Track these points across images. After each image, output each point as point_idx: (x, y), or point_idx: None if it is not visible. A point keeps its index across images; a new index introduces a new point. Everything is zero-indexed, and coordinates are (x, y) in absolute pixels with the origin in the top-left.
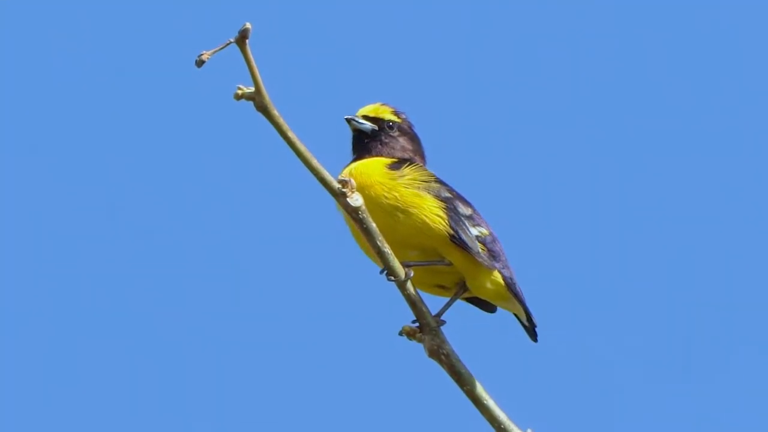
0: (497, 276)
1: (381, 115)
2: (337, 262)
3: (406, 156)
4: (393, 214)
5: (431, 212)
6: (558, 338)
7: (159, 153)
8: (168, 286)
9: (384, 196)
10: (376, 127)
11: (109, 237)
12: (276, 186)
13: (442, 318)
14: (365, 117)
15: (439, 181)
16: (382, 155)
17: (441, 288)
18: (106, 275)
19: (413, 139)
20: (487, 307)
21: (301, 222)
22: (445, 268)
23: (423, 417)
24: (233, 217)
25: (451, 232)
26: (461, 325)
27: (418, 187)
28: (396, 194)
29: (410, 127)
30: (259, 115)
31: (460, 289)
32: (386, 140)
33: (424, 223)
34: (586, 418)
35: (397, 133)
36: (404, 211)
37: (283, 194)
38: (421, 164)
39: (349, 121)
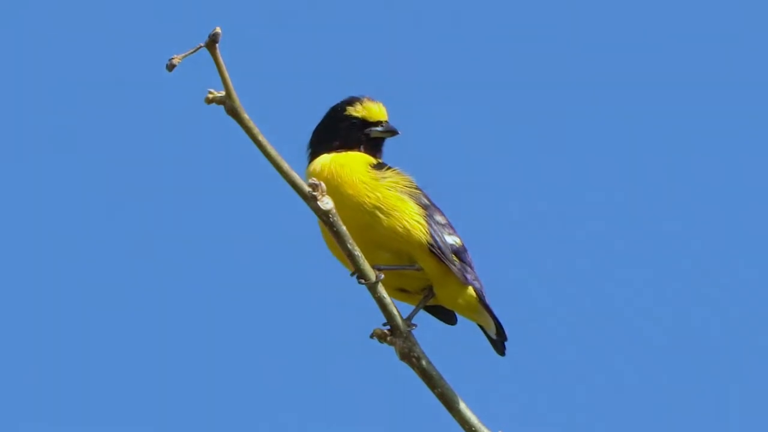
0: (470, 289)
1: (383, 117)
2: (309, 264)
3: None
4: (373, 215)
5: (412, 218)
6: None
7: (130, 156)
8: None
9: (366, 195)
10: (399, 133)
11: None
12: (247, 189)
13: (413, 322)
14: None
15: (418, 188)
16: (367, 153)
17: (403, 292)
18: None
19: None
20: (449, 318)
21: (272, 225)
22: (412, 273)
23: (395, 420)
24: (205, 220)
25: (430, 240)
26: (432, 328)
27: (401, 191)
28: (378, 195)
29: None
30: (230, 118)
31: (428, 294)
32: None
33: (404, 228)
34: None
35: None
36: (386, 213)
37: (254, 197)
38: (400, 169)
39: (395, 133)
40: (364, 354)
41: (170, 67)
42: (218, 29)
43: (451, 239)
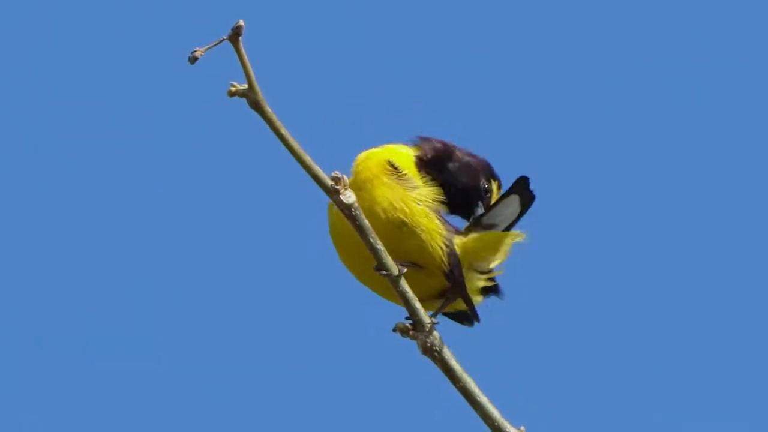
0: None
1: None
2: (332, 258)
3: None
4: (400, 228)
5: (435, 241)
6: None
7: (152, 150)
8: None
9: (393, 206)
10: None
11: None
12: (269, 182)
13: (436, 319)
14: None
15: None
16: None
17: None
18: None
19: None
20: (467, 322)
21: (295, 218)
22: (431, 280)
23: (416, 414)
24: (227, 214)
25: (448, 268)
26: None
27: (430, 207)
28: (406, 209)
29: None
30: (252, 112)
31: (449, 297)
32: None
33: (425, 249)
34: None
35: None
36: (411, 230)
37: (277, 191)
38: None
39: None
40: (387, 348)
41: (193, 59)
42: (241, 22)
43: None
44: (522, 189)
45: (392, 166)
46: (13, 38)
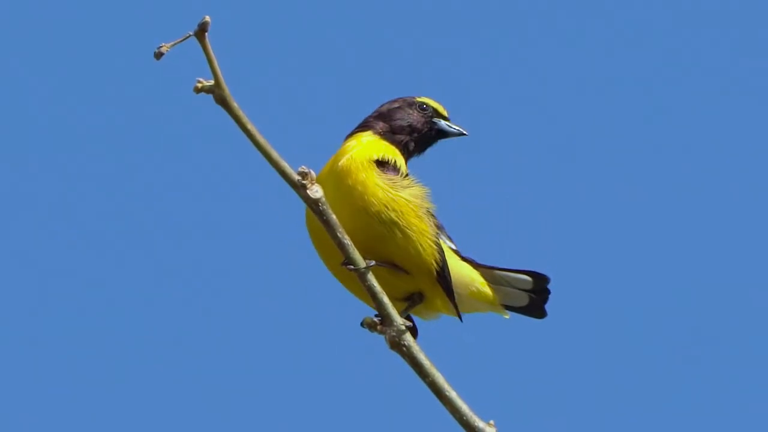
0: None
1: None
2: (300, 253)
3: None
4: (389, 228)
5: (426, 242)
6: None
7: (118, 146)
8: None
9: (385, 207)
10: (467, 134)
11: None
12: (237, 178)
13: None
14: (444, 117)
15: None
16: (408, 148)
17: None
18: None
19: None
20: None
21: (262, 214)
22: (399, 280)
23: (385, 409)
24: (194, 209)
25: (438, 270)
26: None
27: (420, 208)
28: (398, 210)
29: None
30: (219, 107)
31: (416, 300)
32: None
33: (416, 250)
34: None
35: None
36: (402, 230)
37: (244, 186)
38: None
39: (464, 134)
40: (354, 343)
41: (158, 55)
42: (207, 18)
43: (452, 245)
44: (538, 283)
45: (381, 163)
46: None
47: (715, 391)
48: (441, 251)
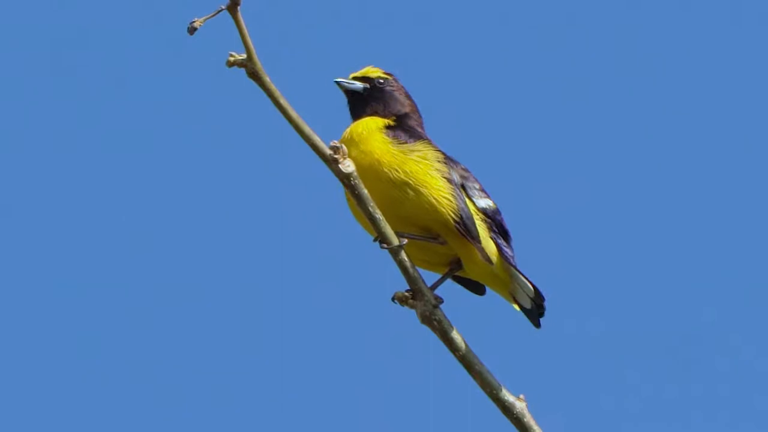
0: (498, 260)
1: (370, 75)
2: (332, 229)
3: (404, 111)
4: (402, 189)
5: (440, 194)
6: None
7: (151, 121)
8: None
9: (395, 169)
10: (368, 86)
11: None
12: (268, 152)
13: (439, 294)
14: (355, 78)
15: (448, 158)
16: (377, 114)
17: (427, 263)
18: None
19: (407, 95)
20: (477, 289)
21: (294, 189)
22: (436, 247)
23: (415, 382)
24: (227, 184)
25: (457, 219)
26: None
27: (431, 166)
28: (407, 169)
29: (399, 82)
30: (251, 81)
31: (454, 267)
32: (380, 97)
33: (431, 204)
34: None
35: (390, 89)
36: (414, 189)
37: (275, 160)
38: (428, 139)
39: (338, 83)
40: (386, 317)
41: (191, 30)
42: None
43: (484, 202)
44: (538, 297)
45: (389, 129)
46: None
47: (716, 391)
48: (460, 203)
